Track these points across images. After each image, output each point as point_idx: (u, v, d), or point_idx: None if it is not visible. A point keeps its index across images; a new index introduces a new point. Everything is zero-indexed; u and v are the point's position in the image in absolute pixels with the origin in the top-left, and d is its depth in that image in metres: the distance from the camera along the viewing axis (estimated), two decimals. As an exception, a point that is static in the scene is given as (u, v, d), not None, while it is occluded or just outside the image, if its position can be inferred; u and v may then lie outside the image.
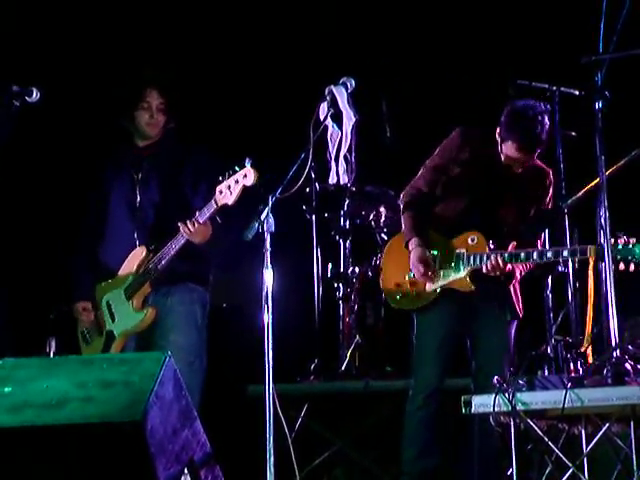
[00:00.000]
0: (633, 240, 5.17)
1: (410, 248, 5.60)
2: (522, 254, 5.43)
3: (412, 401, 5.54)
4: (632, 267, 5.19)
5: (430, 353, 5.56)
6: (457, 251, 5.55)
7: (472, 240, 5.52)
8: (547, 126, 5.55)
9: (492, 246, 5.52)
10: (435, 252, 5.56)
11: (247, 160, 5.22)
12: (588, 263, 5.48)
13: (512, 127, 5.49)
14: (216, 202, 5.39)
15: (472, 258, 5.53)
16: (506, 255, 5.46)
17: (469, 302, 5.57)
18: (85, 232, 5.95)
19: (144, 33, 7.57)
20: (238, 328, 7.09)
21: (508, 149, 5.54)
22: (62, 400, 4.36)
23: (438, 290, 5.58)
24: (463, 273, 5.54)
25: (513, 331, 5.65)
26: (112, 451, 4.26)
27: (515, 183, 5.65)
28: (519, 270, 5.62)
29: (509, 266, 5.49)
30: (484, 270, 5.48)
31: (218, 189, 5.36)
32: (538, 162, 5.77)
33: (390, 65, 5.34)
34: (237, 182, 5.27)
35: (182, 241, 5.53)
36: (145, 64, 6.78)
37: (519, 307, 5.70)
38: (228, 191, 5.31)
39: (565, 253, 5.35)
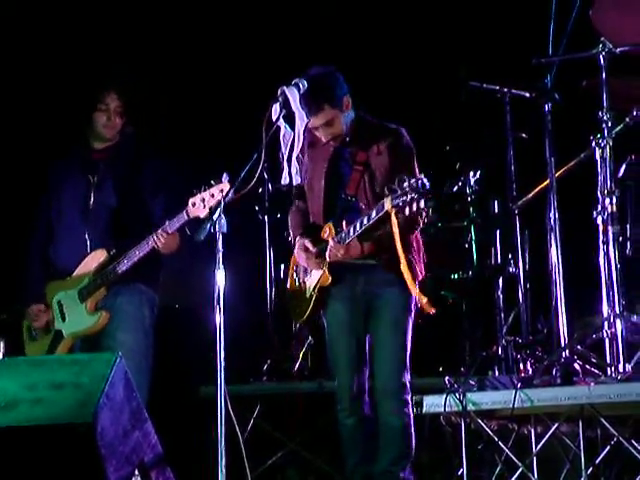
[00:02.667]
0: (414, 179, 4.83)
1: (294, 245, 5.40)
2: (351, 229, 5.07)
3: (339, 410, 5.32)
4: (422, 203, 4.81)
5: (338, 359, 5.32)
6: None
7: (325, 233, 5.26)
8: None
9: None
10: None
11: (224, 176, 5.19)
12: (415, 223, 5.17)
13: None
14: (187, 214, 5.37)
15: (322, 250, 5.26)
16: (339, 236, 5.12)
17: (353, 296, 5.25)
18: (36, 233, 5.91)
19: (104, 33, 7.53)
20: (190, 329, 7.06)
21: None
22: (11, 402, 4.32)
23: (309, 291, 5.33)
24: (323, 268, 5.29)
25: (409, 304, 5.23)
26: (62, 453, 4.23)
27: (338, 158, 5.33)
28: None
29: (356, 246, 5.09)
30: (328, 259, 5.17)
31: (191, 201, 5.34)
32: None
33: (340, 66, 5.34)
34: (213, 196, 5.24)
35: (147, 249, 5.51)
36: (104, 66, 6.76)
37: (408, 279, 5.12)
38: (202, 204, 5.30)
39: (373, 214, 4.94)
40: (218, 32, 7.69)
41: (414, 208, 4.85)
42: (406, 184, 4.84)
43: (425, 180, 4.85)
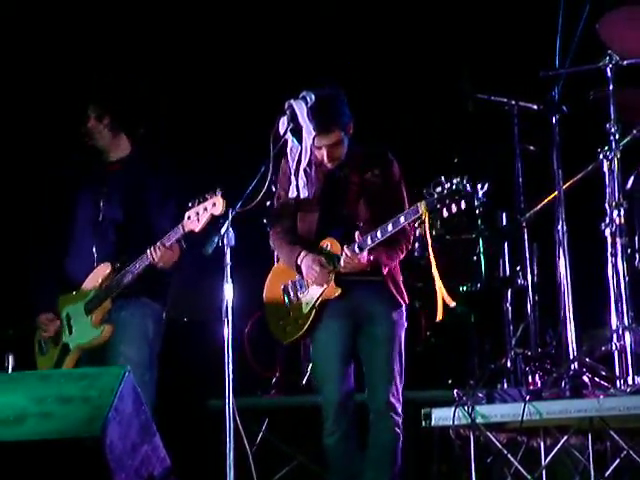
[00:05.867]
0: (456, 180, 4.92)
1: (298, 262, 5.35)
2: (368, 238, 5.11)
3: (324, 428, 5.28)
4: (463, 205, 4.91)
5: (325, 375, 5.29)
6: None
7: (326, 247, 5.27)
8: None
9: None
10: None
11: (218, 190, 5.20)
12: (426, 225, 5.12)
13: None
14: (183, 227, 5.38)
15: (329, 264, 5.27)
16: (356, 245, 5.14)
17: (348, 312, 5.25)
18: (47, 246, 5.91)
19: (108, 48, 7.56)
20: (199, 342, 7.07)
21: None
22: (20, 416, 4.33)
23: (309, 307, 5.30)
24: (330, 281, 5.26)
25: (403, 321, 5.26)
26: (71, 467, 4.24)
27: (333, 177, 5.37)
28: (385, 257, 5.21)
29: (364, 257, 5.13)
30: (342, 269, 5.19)
31: (187, 214, 5.35)
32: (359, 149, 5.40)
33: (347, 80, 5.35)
34: (206, 210, 5.25)
35: (146, 262, 5.52)
36: (85, 78, 6.76)
37: (401, 297, 5.27)
38: (196, 217, 5.30)
39: (402, 219, 5.02)
40: (226, 45, 7.70)
41: (453, 210, 4.91)
42: (447, 186, 4.90)
43: (467, 181, 4.91)
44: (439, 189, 4.93)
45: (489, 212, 6.78)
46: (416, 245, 6.70)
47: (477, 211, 6.76)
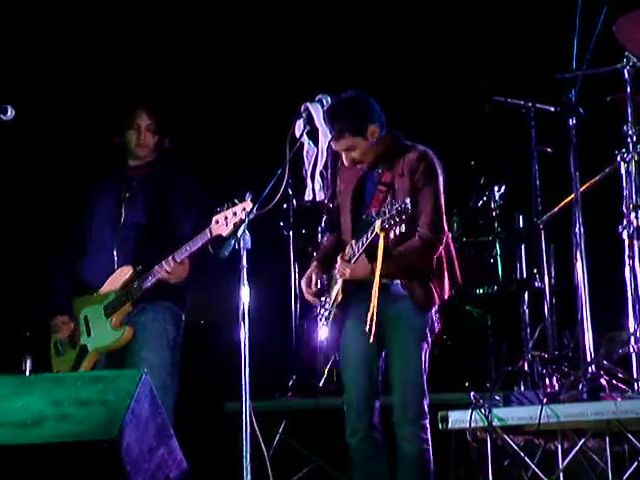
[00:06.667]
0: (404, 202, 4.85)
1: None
2: (356, 248, 5.05)
3: (346, 428, 5.25)
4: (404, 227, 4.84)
5: (348, 378, 5.26)
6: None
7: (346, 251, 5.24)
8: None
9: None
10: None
11: (247, 194, 5.20)
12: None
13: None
14: (211, 232, 5.39)
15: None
16: (349, 255, 5.12)
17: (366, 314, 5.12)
18: (63, 248, 5.93)
19: (132, 50, 7.58)
20: (215, 345, 7.08)
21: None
22: (37, 419, 4.34)
23: (330, 307, 5.27)
24: (338, 284, 5.25)
25: (424, 326, 5.14)
26: (88, 470, 4.24)
27: (366, 178, 5.30)
28: (396, 268, 5.08)
29: (361, 265, 5.05)
30: (337, 277, 5.17)
31: (214, 219, 5.36)
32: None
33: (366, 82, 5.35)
34: (235, 215, 5.25)
35: (158, 276, 5.54)
36: (132, 84, 6.80)
37: (426, 302, 5.14)
38: (224, 222, 5.31)
39: (368, 235, 4.93)
40: (244, 48, 7.71)
41: (397, 232, 4.86)
42: (394, 207, 4.85)
43: (407, 204, 4.82)
44: (392, 207, 4.86)
45: (506, 214, 6.77)
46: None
47: (494, 213, 6.75)
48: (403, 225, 4.85)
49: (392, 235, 4.89)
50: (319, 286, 5.27)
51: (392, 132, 5.27)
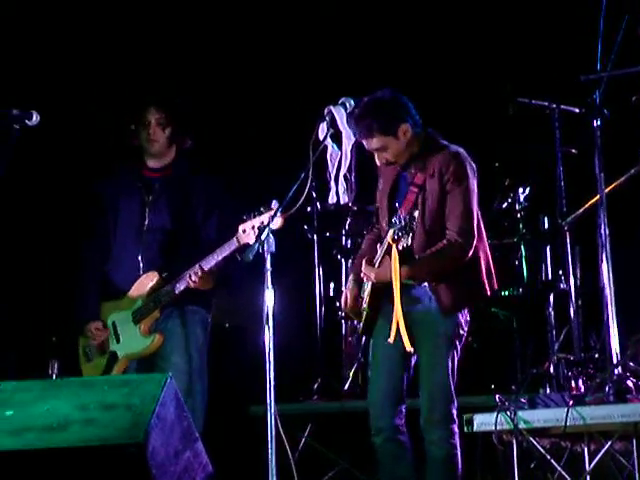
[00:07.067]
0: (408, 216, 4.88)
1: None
2: (379, 252, 5.08)
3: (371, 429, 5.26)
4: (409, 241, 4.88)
5: (372, 377, 5.28)
6: None
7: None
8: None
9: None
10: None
11: (274, 202, 5.20)
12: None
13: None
14: (238, 240, 5.40)
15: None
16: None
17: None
18: (91, 251, 5.94)
19: (151, 54, 7.60)
20: (240, 348, 7.09)
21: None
22: (63, 423, 4.36)
23: (364, 307, 5.26)
24: (368, 286, 5.24)
25: (452, 329, 5.11)
26: (114, 474, 4.26)
27: (400, 178, 5.27)
28: (425, 271, 5.09)
29: (385, 269, 5.05)
30: (364, 280, 5.21)
31: (241, 228, 5.37)
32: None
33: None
34: (262, 224, 5.21)
35: (184, 285, 5.56)
36: (143, 83, 6.80)
37: (453, 305, 5.10)
38: (252, 231, 5.31)
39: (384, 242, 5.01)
40: (267, 50, 7.72)
41: (404, 244, 4.87)
42: (402, 219, 4.86)
43: (414, 217, 4.84)
44: (396, 220, 4.89)
45: (531, 216, 6.75)
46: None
47: (518, 215, 6.73)
48: (409, 238, 4.86)
49: (400, 247, 4.91)
50: (352, 304, 5.29)
51: (428, 131, 5.25)
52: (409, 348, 5.01)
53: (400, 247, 4.91)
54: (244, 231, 5.36)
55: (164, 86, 6.02)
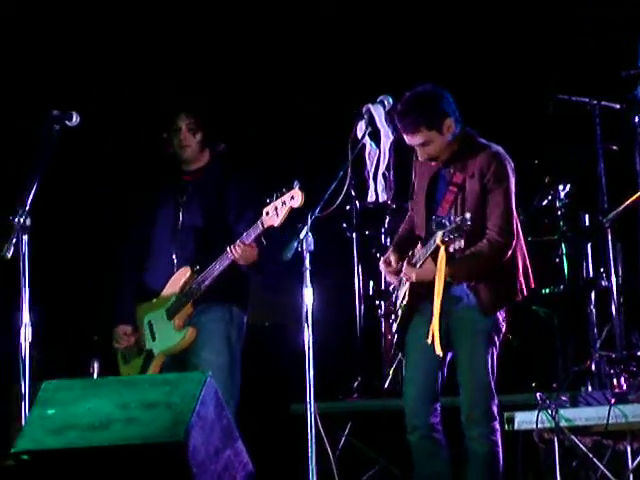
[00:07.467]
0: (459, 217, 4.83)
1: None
2: (421, 252, 5.04)
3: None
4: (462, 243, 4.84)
5: (407, 375, 5.27)
6: None
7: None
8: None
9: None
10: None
11: (295, 182, 5.21)
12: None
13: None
14: (262, 223, 5.41)
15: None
16: (415, 258, 5.11)
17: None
18: (128, 253, 5.99)
19: (179, 58, 7.63)
20: (280, 346, 7.10)
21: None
22: (105, 421, 4.38)
23: (399, 305, 5.27)
24: (406, 286, 5.23)
25: (490, 329, 5.10)
26: (155, 472, 4.28)
27: (439, 176, 5.22)
28: (465, 272, 5.06)
29: (428, 269, 5.02)
30: (404, 280, 5.19)
31: (265, 210, 5.38)
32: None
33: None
34: (284, 204, 5.26)
35: (227, 262, 5.55)
36: (173, 91, 6.82)
37: (492, 305, 5.09)
38: (275, 212, 5.32)
39: (431, 243, 4.92)
40: (304, 48, 7.73)
41: (456, 246, 4.85)
42: (453, 221, 4.82)
43: (467, 219, 4.79)
44: (448, 221, 4.83)
45: (571, 213, 6.71)
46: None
47: (559, 212, 6.70)
48: (462, 240, 4.83)
49: (451, 249, 4.89)
50: (397, 266, 5.21)
51: (467, 130, 5.22)
52: (439, 352, 5.01)
53: (451, 249, 4.89)
54: (267, 214, 5.37)
55: (190, 91, 6.02)
